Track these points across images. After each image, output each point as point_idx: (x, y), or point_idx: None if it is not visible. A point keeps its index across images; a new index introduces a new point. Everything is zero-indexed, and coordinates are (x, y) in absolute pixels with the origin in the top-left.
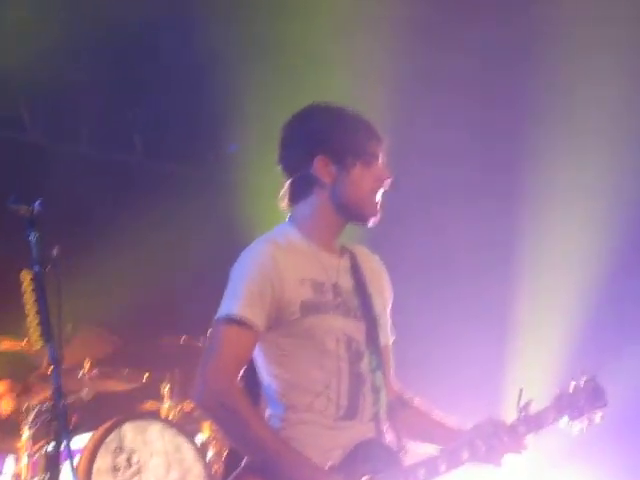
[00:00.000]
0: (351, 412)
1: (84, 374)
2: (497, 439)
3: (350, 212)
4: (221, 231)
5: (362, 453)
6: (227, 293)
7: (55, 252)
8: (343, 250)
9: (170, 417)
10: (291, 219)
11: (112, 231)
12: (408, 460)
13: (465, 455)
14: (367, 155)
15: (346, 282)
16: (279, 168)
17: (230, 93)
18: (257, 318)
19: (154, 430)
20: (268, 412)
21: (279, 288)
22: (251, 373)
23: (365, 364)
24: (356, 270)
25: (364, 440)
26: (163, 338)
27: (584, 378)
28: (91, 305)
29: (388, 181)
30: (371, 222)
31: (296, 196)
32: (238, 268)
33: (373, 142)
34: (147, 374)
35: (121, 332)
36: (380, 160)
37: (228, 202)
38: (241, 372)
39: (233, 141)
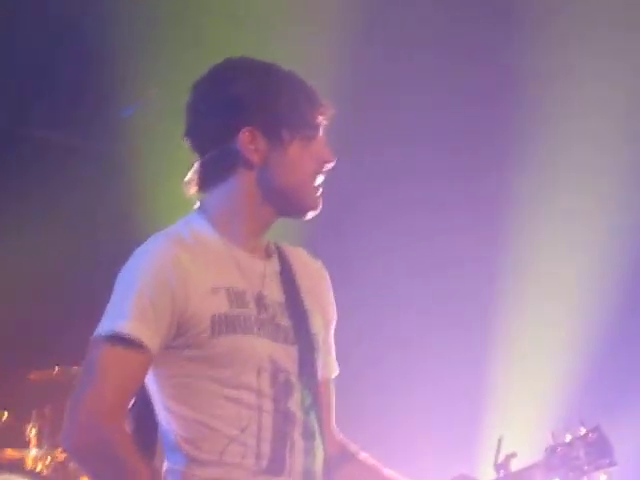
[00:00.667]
0: (276, 465)
1: None
2: None
3: (284, 201)
4: (110, 223)
5: None
6: (111, 304)
7: None
8: (270, 250)
9: (38, 469)
10: (202, 209)
11: None
12: None
13: None
14: (308, 128)
15: (274, 292)
16: (187, 143)
17: (123, 44)
18: (150, 337)
19: None
20: (166, 465)
21: (182, 299)
22: (143, 408)
23: (296, 402)
24: (288, 277)
25: None
26: (30, 370)
27: (584, 429)
28: None
29: (330, 164)
30: (310, 214)
31: (210, 179)
32: (128, 272)
33: (315, 112)
34: (6, 413)
35: None
36: (321, 135)
37: (119, 185)
38: (127, 406)
39: (127, 104)
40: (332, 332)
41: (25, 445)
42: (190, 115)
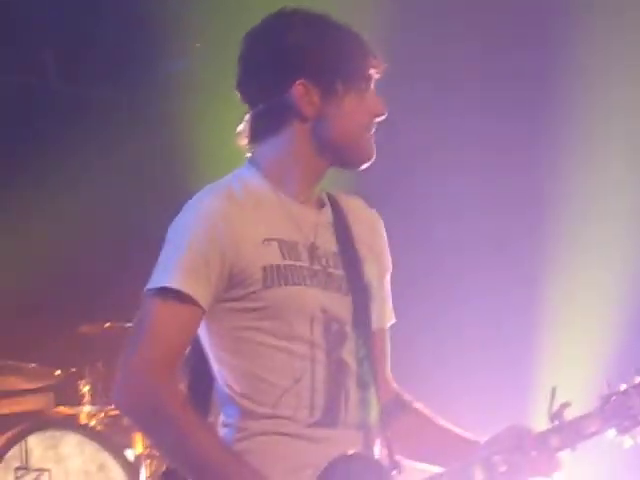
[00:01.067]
0: (330, 417)
1: None
2: (521, 454)
3: (340, 153)
4: (159, 178)
5: (341, 474)
6: (162, 259)
7: None
8: (323, 201)
9: (92, 425)
10: (253, 161)
11: (11, 178)
12: None
13: (479, 476)
14: (361, 80)
15: (327, 242)
16: (238, 95)
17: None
18: (202, 292)
19: (70, 443)
20: (220, 417)
21: (233, 253)
22: (199, 362)
23: (350, 352)
24: (342, 227)
25: (344, 456)
26: (81, 324)
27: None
28: None
29: (383, 116)
30: (364, 164)
31: (262, 131)
32: (178, 226)
33: (368, 64)
34: (59, 370)
35: (24, 316)
36: (373, 88)
37: (168, 139)
38: (180, 362)
39: (177, 57)
40: (388, 281)
41: (78, 401)
42: (242, 66)
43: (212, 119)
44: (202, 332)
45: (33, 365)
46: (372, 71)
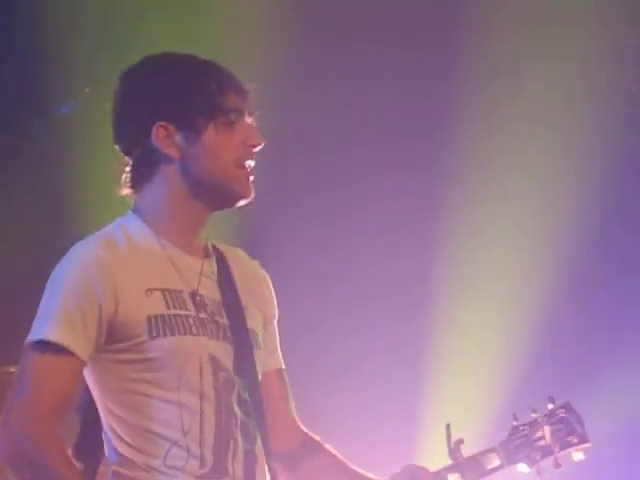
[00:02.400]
0: (219, 469)
1: None
2: None
3: (210, 192)
4: (46, 222)
5: None
6: (40, 309)
7: None
8: (208, 250)
9: None
10: (135, 210)
11: None
12: None
13: None
14: (224, 113)
15: (211, 291)
16: (117, 148)
17: (60, 41)
18: (79, 343)
19: None
20: (112, 468)
21: (110, 304)
22: (89, 411)
23: (237, 402)
24: (225, 276)
25: None
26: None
27: (551, 405)
28: None
29: (257, 147)
30: (240, 202)
31: (138, 179)
32: (55, 276)
33: (231, 96)
34: None
35: None
36: (246, 119)
37: (56, 183)
38: (60, 414)
39: (66, 101)
40: (275, 328)
41: None
42: (113, 120)
43: (100, 164)
44: (90, 383)
45: None
46: (238, 102)
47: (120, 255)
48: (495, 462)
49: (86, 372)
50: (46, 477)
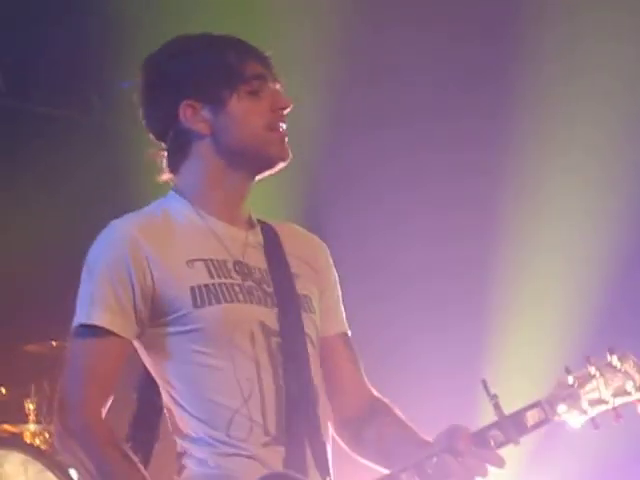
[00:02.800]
0: (285, 435)
1: None
2: (452, 456)
3: (245, 159)
4: (108, 196)
5: None
6: (79, 294)
7: None
8: (252, 222)
9: (36, 444)
10: (176, 190)
11: None
12: None
13: None
14: (246, 81)
15: (256, 260)
16: (150, 136)
17: (120, 18)
18: (118, 323)
19: (14, 462)
20: (178, 446)
21: (144, 280)
22: (146, 390)
23: (293, 366)
24: (272, 246)
25: (273, 474)
26: (27, 343)
27: (610, 357)
28: None
29: (286, 109)
30: (278, 164)
31: (175, 162)
32: (88, 259)
33: (251, 63)
34: (4, 388)
35: None
36: (270, 85)
37: (117, 158)
38: (105, 396)
39: (125, 77)
40: (335, 295)
41: (23, 420)
42: (142, 110)
43: None
44: (146, 360)
45: None
46: (256, 70)
47: (156, 231)
48: (540, 416)
49: (141, 350)
50: (92, 458)
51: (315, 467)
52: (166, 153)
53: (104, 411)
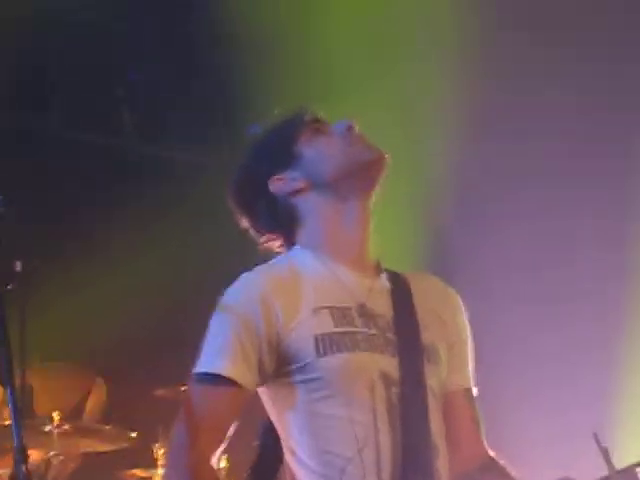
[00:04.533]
0: None
1: (52, 429)
2: None
3: (345, 182)
4: (242, 242)
5: None
6: (205, 341)
7: (18, 267)
8: (381, 269)
9: None
10: (299, 244)
11: (95, 237)
12: None
13: None
14: (306, 126)
15: (382, 306)
16: (259, 239)
17: (250, 64)
18: (241, 373)
19: None
20: None
21: (271, 332)
22: (267, 439)
23: (411, 416)
24: (399, 293)
25: None
26: (158, 387)
27: None
28: (64, 337)
29: (348, 125)
30: (375, 167)
31: (292, 230)
32: (218, 309)
33: (306, 116)
34: (135, 433)
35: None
36: (326, 126)
37: None
38: (218, 445)
39: (253, 122)
40: (465, 350)
41: (153, 465)
42: (243, 215)
43: None
44: (269, 410)
45: (109, 427)
46: (311, 117)
47: (283, 282)
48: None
49: (265, 399)
50: None
51: None
52: (281, 229)
53: (214, 458)
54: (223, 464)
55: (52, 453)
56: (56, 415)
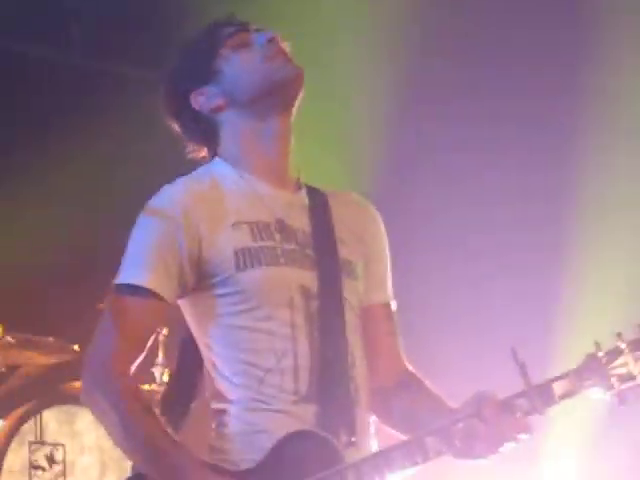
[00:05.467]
0: (315, 393)
1: None
2: (479, 422)
3: (262, 100)
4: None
5: (291, 450)
6: (126, 252)
7: None
8: (301, 185)
9: None
10: (219, 156)
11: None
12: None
13: (434, 446)
14: (225, 40)
15: (300, 221)
16: (189, 148)
17: None
18: (161, 285)
19: (85, 419)
20: (212, 403)
21: (192, 244)
22: (186, 349)
23: (330, 329)
24: (318, 209)
25: (298, 432)
26: (101, 300)
27: None
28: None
29: (272, 39)
30: (293, 86)
31: (210, 140)
32: (139, 222)
33: (225, 28)
34: (77, 345)
35: (44, 289)
36: (253, 34)
37: None
38: (136, 353)
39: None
40: (383, 264)
41: None
42: (175, 128)
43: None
44: (189, 322)
45: (51, 339)
46: (231, 29)
47: (204, 195)
48: (567, 388)
49: (185, 311)
50: (118, 412)
51: (343, 427)
52: (204, 142)
53: (132, 367)
54: (166, 378)
55: None
56: None
